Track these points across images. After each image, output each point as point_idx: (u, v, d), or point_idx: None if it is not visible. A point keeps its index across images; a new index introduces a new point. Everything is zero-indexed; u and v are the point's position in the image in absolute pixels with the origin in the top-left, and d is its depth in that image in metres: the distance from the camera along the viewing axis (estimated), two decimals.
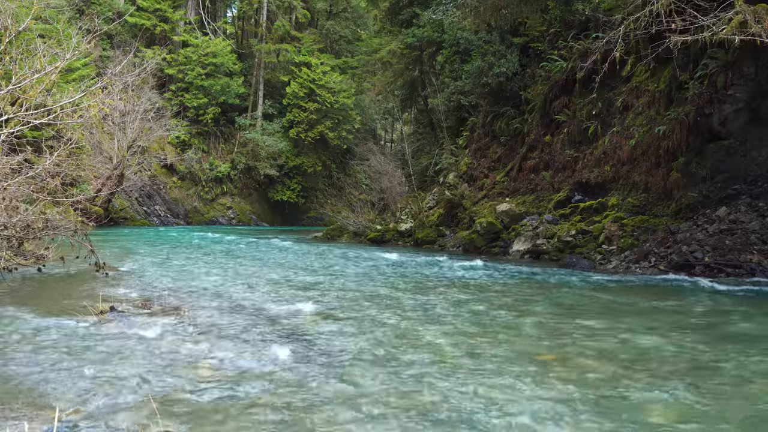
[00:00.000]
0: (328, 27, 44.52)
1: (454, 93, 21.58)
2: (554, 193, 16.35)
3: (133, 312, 6.40)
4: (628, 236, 12.71)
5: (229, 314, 6.50)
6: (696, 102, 12.49)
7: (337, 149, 42.80)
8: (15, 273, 8.78)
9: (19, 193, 8.15)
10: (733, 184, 12.08)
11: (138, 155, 27.95)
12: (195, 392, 3.91)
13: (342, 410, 3.59)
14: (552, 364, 4.61)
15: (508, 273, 10.96)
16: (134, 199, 31.54)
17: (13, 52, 8.12)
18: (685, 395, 3.89)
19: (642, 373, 4.43)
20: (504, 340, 5.46)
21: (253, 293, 8.08)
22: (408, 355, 4.83)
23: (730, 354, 4.98)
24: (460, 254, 15.44)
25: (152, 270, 10.56)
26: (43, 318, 5.94)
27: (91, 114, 8.24)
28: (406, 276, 10.48)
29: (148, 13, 35.98)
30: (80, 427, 3.30)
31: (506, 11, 17.93)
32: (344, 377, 4.22)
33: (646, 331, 5.89)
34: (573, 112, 16.53)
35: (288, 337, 5.41)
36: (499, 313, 6.90)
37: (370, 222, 26.05)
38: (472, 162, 20.50)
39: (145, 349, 4.91)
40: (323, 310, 6.83)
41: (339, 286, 9.05)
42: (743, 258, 10.48)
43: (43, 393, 3.84)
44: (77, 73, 24.07)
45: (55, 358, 4.58)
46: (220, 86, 36.45)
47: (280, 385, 4.07)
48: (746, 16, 9.40)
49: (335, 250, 15.90)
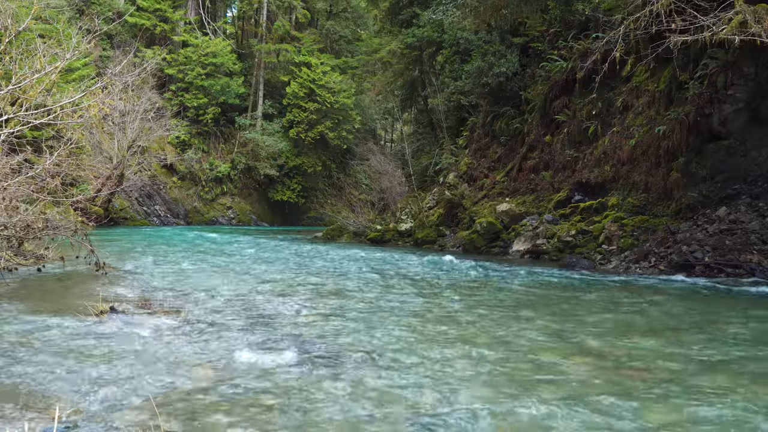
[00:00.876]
0: (328, 27, 44.52)
1: (454, 93, 21.59)
2: (554, 193, 16.35)
3: (133, 312, 6.40)
4: (628, 236, 12.72)
5: (229, 314, 6.51)
6: (696, 102, 12.49)
7: (337, 149, 42.79)
8: (15, 273, 8.78)
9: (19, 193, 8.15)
10: (733, 184, 12.08)
11: (138, 155, 27.94)
12: (195, 392, 3.91)
13: (342, 410, 3.59)
14: (552, 364, 4.61)
15: (508, 273, 10.96)
16: (134, 199, 31.53)
17: (13, 52, 8.12)
18: (685, 395, 3.89)
19: (641, 372, 4.43)
20: (503, 341, 5.45)
21: (254, 293, 8.07)
22: (408, 355, 4.83)
23: (730, 354, 4.98)
24: (460, 254, 15.44)
25: (152, 270, 10.55)
26: (43, 318, 5.93)
27: (91, 114, 8.24)
28: (406, 276, 10.48)
29: (148, 13, 35.98)
30: (80, 427, 3.30)
31: (506, 11, 17.94)
32: (345, 377, 4.22)
33: (645, 331, 5.89)
34: (573, 112, 16.54)
35: (288, 337, 5.41)
36: (500, 313, 6.90)
37: (370, 222, 26.07)
38: (472, 162, 20.50)
39: (145, 349, 4.91)
40: (323, 310, 6.84)
41: (339, 286, 9.05)
42: (743, 258, 10.49)
43: (43, 393, 3.83)
44: (77, 73, 24.07)
45: (55, 358, 4.58)
46: (220, 86, 36.45)
47: (280, 385, 4.07)
48: (746, 16, 9.40)
49: (335, 251, 15.90)
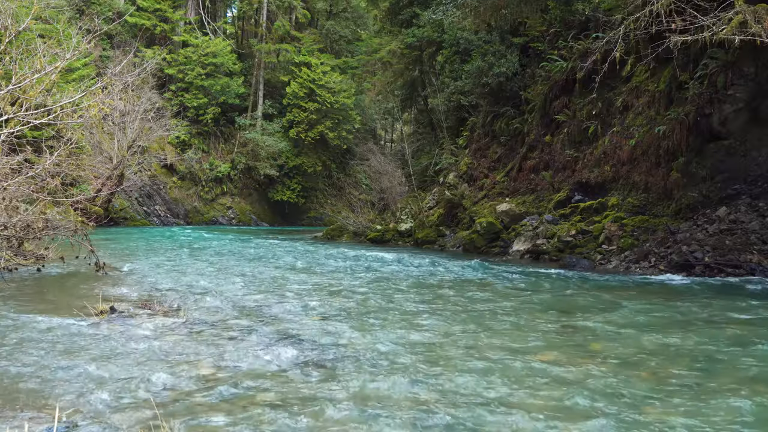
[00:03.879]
0: (328, 27, 44.51)
1: (454, 93, 21.59)
2: (554, 193, 16.34)
3: (133, 312, 6.40)
4: (628, 236, 12.71)
5: (229, 314, 6.51)
6: (696, 102, 12.48)
7: (337, 149, 42.79)
8: (15, 273, 8.78)
9: (19, 193, 8.15)
10: (733, 184, 12.08)
11: (138, 155, 27.95)
12: (195, 392, 3.91)
13: (343, 410, 3.59)
14: (552, 364, 4.61)
15: (508, 273, 10.95)
16: (134, 199, 31.54)
17: (13, 52, 8.12)
18: (684, 395, 3.89)
19: (641, 372, 4.43)
20: (505, 341, 5.45)
21: (254, 293, 8.07)
22: (408, 355, 4.82)
23: (730, 354, 4.98)
24: (460, 254, 15.44)
25: (152, 270, 10.55)
26: (43, 318, 5.93)
27: (91, 114, 8.23)
28: (405, 276, 10.48)
29: (148, 13, 35.99)
30: (80, 427, 3.30)
31: (506, 11, 17.93)
32: (345, 377, 4.22)
33: (645, 331, 5.89)
34: (573, 112, 16.53)
35: (288, 337, 5.41)
36: (500, 313, 6.90)
37: (370, 222, 26.05)
38: (472, 162, 20.50)
39: (145, 348, 4.91)
40: (323, 311, 6.83)
41: (339, 286, 9.05)
42: (743, 258, 10.48)
43: (43, 393, 3.84)
44: (77, 73, 24.08)
45: (55, 358, 4.58)
46: (220, 86, 36.46)
47: (280, 385, 4.07)
48: (746, 16, 9.40)
49: (335, 251, 15.89)
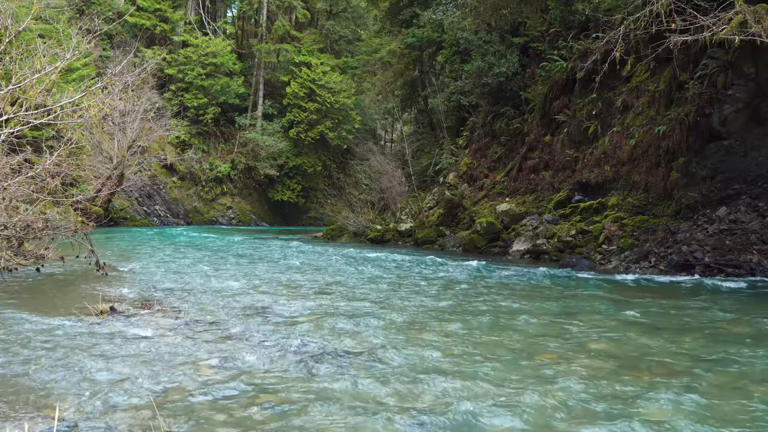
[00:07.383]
0: (328, 27, 44.49)
1: (454, 93, 21.60)
2: (554, 193, 16.34)
3: (134, 312, 6.40)
4: (628, 236, 12.71)
5: (229, 314, 6.51)
6: (696, 102, 12.48)
7: (337, 149, 42.78)
8: (15, 273, 8.78)
9: (19, 193, 8.14)
10: (733, 184, 12.08)
11: (138, 155, 27.91)
12: (195, 392, 3.91)
13: (343, 409, 3.58)
14: (552, 363, 4.61)
15: (508, 273, 10.95)
16: (134, 199, 31.53)
17: (13, 52, 8.11)
18: (685, 395, 3.89)
19: (640, 371, 4.43)
20: (505, 340, 5.45)
21: (254, 293, 8.07)
22: (408, 355, 4.82)
23: (729, 354, 4.97)
24: (460, 254, 15.44)
25: (152, 270, 10.55)
26: (43, 318, 5.94)
27: (91, 114, 8.23)
28: (405, 276, 10.48)
29: (148, 13, 35.97)
30: (80, 427, 3.30)
31: (506, 11, 17.95)
32: (345, 376, 4.22)
33: (646, 331, 5.89)
34: (573, 112, 16.53)
35: (289, 336, 5.40)
36: (500, 313, 6.90)
37: (370, 222, 26.02)
38: (472, 162, 20.50)
39: (146, 348, 4.91)
40: (323, 310, 6.83)
41: (339, 285, 9.05)
42: (743, 258, 10.48)
43: (43, 393, 3.84)
44: (77, 73, 24.06)
45: (55, 358, 4.58)
46: (220, 86, 36.45)
47: (281, 385, 4.07)
48: (746, 16, 9.41)
49: (335, 250, 15.90)
